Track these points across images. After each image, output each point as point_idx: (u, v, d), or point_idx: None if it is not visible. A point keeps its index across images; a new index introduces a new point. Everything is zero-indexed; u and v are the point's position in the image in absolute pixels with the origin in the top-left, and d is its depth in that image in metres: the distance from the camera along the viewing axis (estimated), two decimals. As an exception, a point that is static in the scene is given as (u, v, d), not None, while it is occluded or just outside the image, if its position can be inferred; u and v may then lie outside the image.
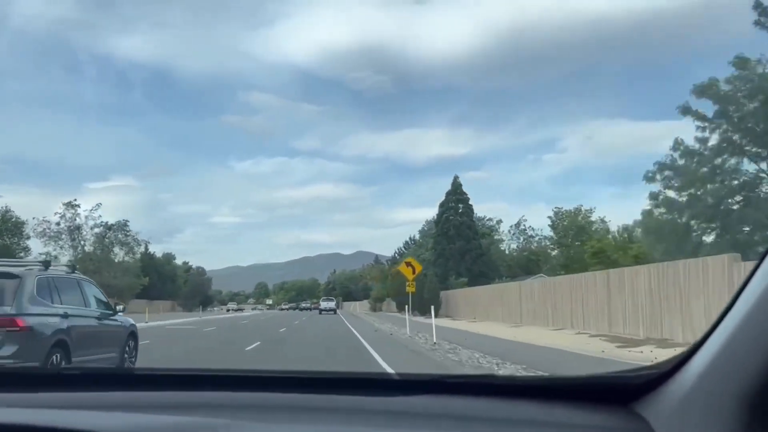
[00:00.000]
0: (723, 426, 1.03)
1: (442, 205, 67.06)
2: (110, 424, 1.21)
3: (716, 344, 1.10)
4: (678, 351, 1.28)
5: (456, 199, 66.19)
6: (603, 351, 16.07)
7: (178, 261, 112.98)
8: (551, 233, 69.53)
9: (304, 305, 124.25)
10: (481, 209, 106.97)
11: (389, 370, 11.86)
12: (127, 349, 10.63)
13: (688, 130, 35.37)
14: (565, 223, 66.58)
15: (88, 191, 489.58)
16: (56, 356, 8.00)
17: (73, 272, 10.03)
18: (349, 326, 35.34)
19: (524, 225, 77.08)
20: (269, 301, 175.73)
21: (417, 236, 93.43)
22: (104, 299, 10.58)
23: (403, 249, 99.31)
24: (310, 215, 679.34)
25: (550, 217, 69.36)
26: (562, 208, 69.33)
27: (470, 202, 66.88)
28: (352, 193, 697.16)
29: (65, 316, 8.58)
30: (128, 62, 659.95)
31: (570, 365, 13.31)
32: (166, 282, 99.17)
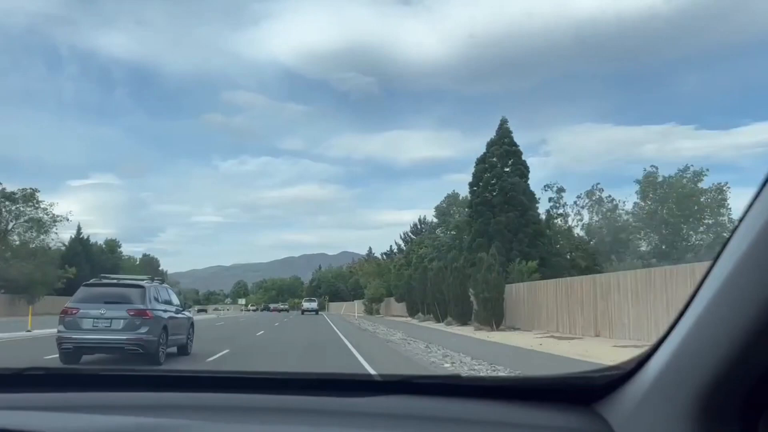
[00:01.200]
0: (680, 424, 1.05)
1: (481, 161, 42.61)
2: (71, 426, 1.20)
3: (673, 344, 1.11)
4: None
5: (503, 151, 41.70)
6: None
7: (136, 251, 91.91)
8: (638, 205, 47.81)
9: (280, 306, 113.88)
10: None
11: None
12: (188, 334, 15.37)
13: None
14: (665, 190, 45.62)
15: (69, 189, 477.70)
16: (163, 335, 13.01)
17: (163, 283, 15.43)
18: (347, 344, 20.93)
19: (600, 193, 49.93)
20: (242, 301, 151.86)
21: (430, 218, 73.28)
22: (177, 300, 15.62)
23: (402, 241, 79.69)
24: (293, 216, 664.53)
25: (638, 181, 47.78)
26: (656, 169, 47.47)
27: (524, 157, 42.44)
28: (336, 195, 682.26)
29: (165, 310, 13.65)
30: (110, 60, 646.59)
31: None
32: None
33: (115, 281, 14.29)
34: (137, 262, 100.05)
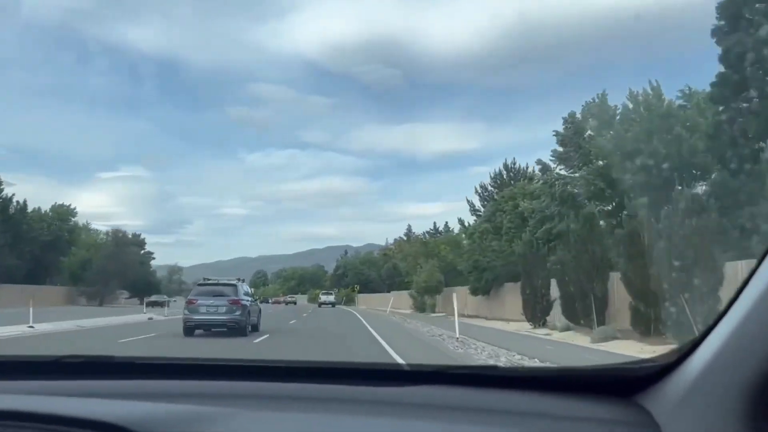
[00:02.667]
0: (726, 417, 1.04)
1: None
2: (109, 412, 1.22)
3: (720, 336, 1.10)
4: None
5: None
6: None
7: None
8: None
9: (288, 299, 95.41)
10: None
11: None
12: (258, 317, 21.12)
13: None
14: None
15: (99, 181, 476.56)
16: (247, 316, 18.81)
17: (243, 281, 21.93)
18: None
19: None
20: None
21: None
22: (251, 294, 22.51)
23: (479, 197, 48.24)
24: (317, 208, 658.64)
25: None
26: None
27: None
28: (359, 187, 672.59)
29: (247, 301, 19.66)
30: (137, 54, 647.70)
31: None
32: (48, 252, 63.42)
33: (216, 281, 21.53)
34: (103, 238, 75.76)
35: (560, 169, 33.02)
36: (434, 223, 71.26)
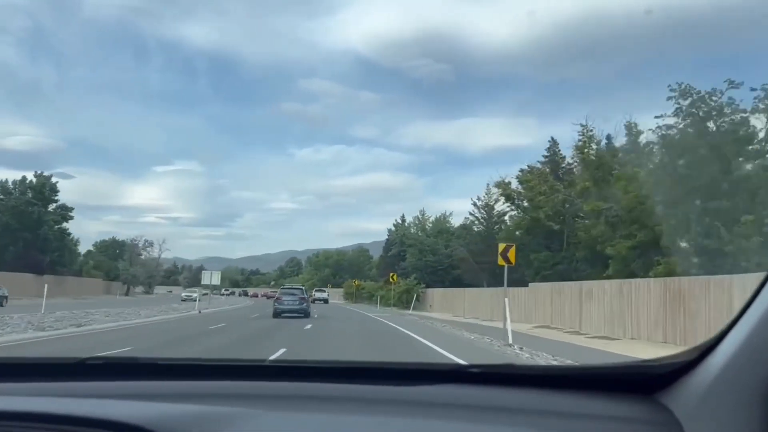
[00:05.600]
0: (748, 415, 1.03)
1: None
2: (129, 413, 1.23)
3: (741, 333, 1.09)
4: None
5: None
6: None
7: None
8: None
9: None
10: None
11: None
12: (309, 307, 33.06)
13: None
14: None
15: (154, 175, 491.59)
16: (308, 307, 32.62)
17: (302, 286, 46.69)
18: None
19: None
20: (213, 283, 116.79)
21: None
22: (305, 290, 37.47)
23: None
24: (364, 203, 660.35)
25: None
26: None
27: None
28: (407, 183, 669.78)
29: (306, 297, 33.83)
30: (191, 50, 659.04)
31: None
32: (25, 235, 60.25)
33: (291, 286, 41.07)
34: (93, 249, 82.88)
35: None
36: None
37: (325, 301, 69.14)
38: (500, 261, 20.33)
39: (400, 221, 79.52)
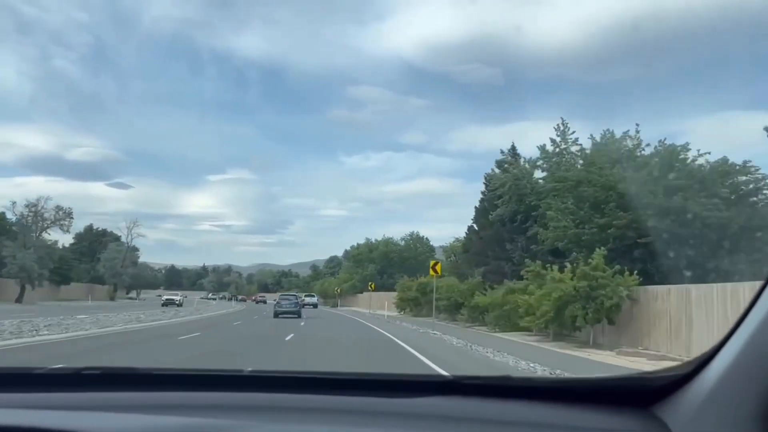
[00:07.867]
0: (742, 428, 1.03)
1: None
2: (126, 426, 1.22)
3: (736, 346, 1.09)
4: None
5: None
6: None
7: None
8: None
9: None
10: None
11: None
12: (300, 310, 44.32)
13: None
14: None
15: (208, 183, 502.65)
16: (300, 309, 44.09)
17: (297, 292, 70.18)
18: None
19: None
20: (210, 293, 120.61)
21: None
22: (296, 297, 50.14)
23: None
24: (413, 210, 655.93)
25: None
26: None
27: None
28: (456, 189, 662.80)
29: (297, 302, 44.89)
30: (243, 60, 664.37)
31: None
32: None
33: (288, 293, 54.87)
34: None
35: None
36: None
37: (314, 305, 69.13)
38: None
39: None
